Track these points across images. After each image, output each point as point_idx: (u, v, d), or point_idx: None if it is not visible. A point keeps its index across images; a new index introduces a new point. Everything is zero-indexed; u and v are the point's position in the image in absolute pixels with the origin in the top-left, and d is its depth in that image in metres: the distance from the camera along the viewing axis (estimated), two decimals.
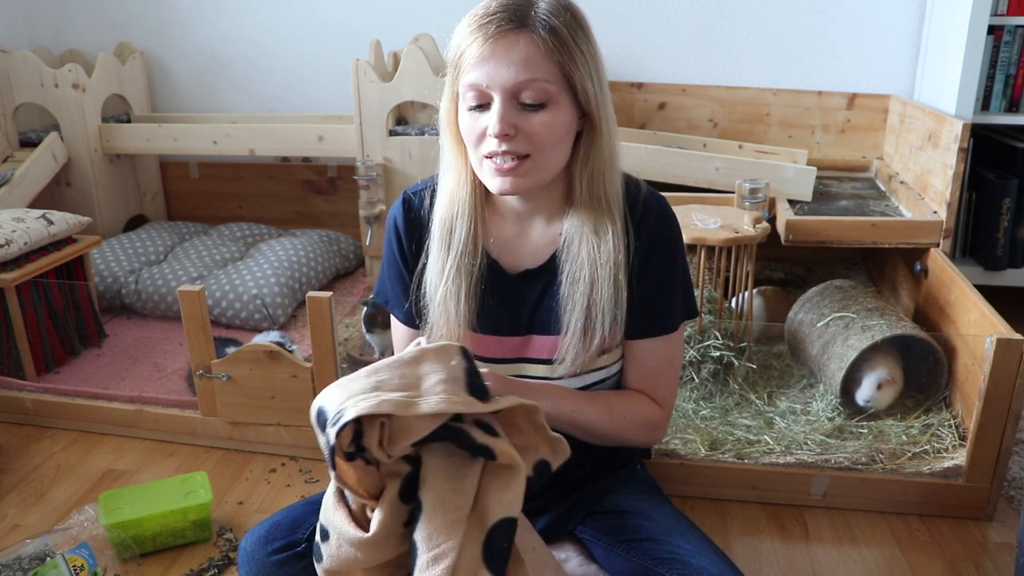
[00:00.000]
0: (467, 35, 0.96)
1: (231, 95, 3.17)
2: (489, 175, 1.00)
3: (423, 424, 0.81)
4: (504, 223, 1.10)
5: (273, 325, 2.43)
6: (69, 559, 1.40)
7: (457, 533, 0.81)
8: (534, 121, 0.96)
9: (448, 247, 1.06)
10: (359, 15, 2.97)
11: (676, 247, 1.09)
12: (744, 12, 2.74)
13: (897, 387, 1.84)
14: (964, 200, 2.42)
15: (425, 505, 0.82)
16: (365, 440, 0.81)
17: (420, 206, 1.11)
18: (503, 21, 0.93)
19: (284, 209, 3.23)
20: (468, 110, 0.98)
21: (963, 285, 1.86)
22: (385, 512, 0.83)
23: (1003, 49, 2.35)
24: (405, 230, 1.12)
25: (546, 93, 0.95)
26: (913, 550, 1.54)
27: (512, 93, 0.95)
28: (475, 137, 0.98)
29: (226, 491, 1.75)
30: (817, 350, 1.97)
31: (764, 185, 2.21)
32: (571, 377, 1.09)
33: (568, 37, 0.95)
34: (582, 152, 1.02)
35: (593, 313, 1.04)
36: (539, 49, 0.93)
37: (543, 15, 0.94)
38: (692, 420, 1.83)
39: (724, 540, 1.57)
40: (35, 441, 1.95)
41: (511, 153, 0.96)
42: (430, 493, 0.83)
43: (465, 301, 1.06)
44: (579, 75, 0.96)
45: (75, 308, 2.31)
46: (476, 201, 1.06)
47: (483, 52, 0.94)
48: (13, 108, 2.81)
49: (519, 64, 0.93)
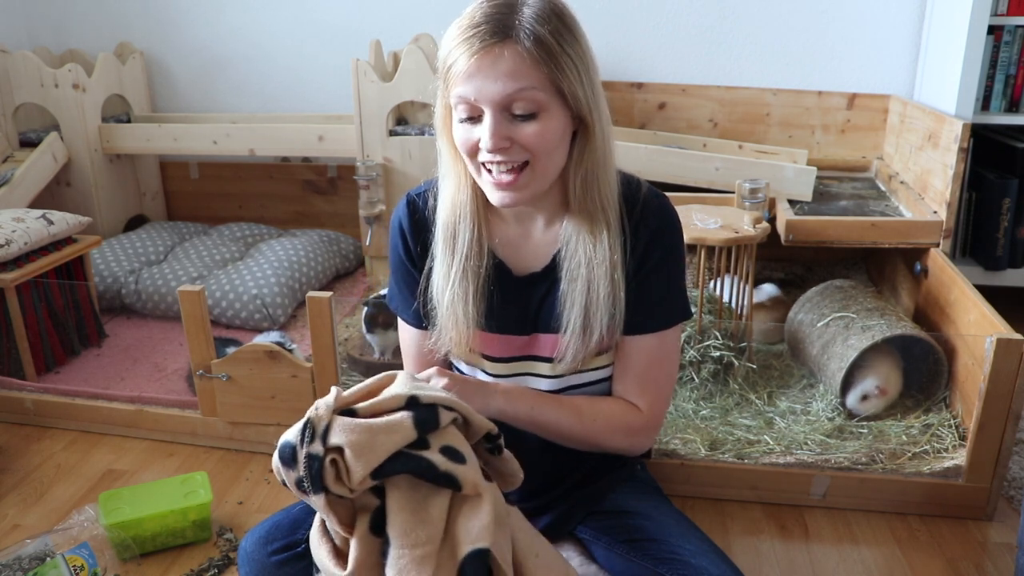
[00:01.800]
0: (453, 48, 0.95)
1: (231, 95, 3.16)
2: (489, 188, 1.00)
3: (375, 451, 0.80)
4: (506, 225, 1.10)
5: (273, 325, 2.43)
6: (69, 559, 1.40)
7: (426, 569, 0.79)
8: (527, 131, 0.95)
9: (453, 251, 1.06)
10: (359, 15, 2.97)
11: (675, 245, 1.09)
12: (744, 12, 2.74)
13: (888, 397, 1.84)
14: (964, 200, 2.42)
15: (391, 540, 0.81)
16: (324, 478, 0.80)
17: (424, 207, 1.11)
18: (487, 34, 0.92)
19: (284, 209, 3.23)
20: (460, 122, 0.98)
21: (963, 285, 1.86)
22: (359, 547, 0.82)
23: (1003, 49, 2.35)
24: (411, 231, 1.12)
25: (536, 103, 0.94)
26: (913, 550, 1.54)
27: (502, 106, 0.94)
28: (469, 148, 0.98)
29: (226, 491, 1.75)
30: (817, 350, 1.97)
31: (764, 185, 2.21)
32: (571, 375, 1.10)
33: (554, 44, 0.93)
34: (575, 154, 1.02)
35: (591, 312, 1.04)
36: (524, 60, 0.92)
37: (527, 24, 0.92)
38: (692, 420, 1.83)
39: (724, 540, 1.57)
40: (35, 441, 1.95)
41: (508, 163, 0.96)
42: (395, 528, 0.81)
43: (473, 303, 1.07)
44: (568, 82, 0.95)
45: (75, 308, 2.31)
46: (477, 204, 1.06)
47: (469, 67, 0.93)
48: (13, 108, 2.80)
49: (506, 77, 0.92)
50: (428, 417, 0.83)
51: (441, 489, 0.83)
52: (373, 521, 0.83)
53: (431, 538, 0.80)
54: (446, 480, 0.81)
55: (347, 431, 0.80)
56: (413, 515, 0.81)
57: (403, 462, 0.81)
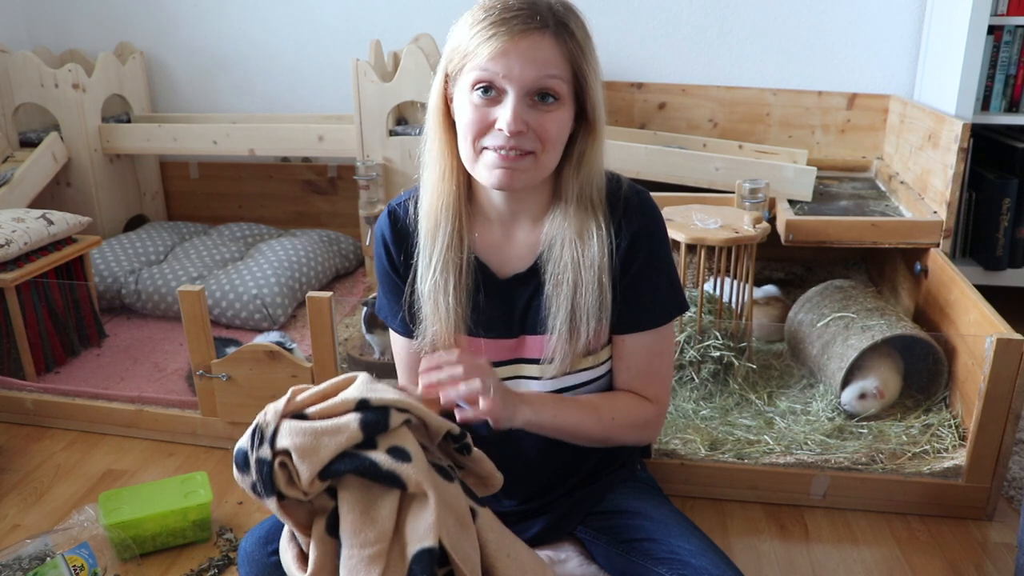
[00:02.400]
0: (484, 27, 0.95)
1: (231, 95, 3.17)
2: (487, 167, 0.99)
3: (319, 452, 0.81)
4: (490, 225, 1.10)
5: (273, 325, 2.43)
6: (69, 559, 1.40)
7: (376, 568, 0.79)
8: (546, 119, 0.97)
9: (435, 241, 1.07)
10: (359, 15, 2.97)
11: (660, 242, 1.09)
12: (744, 12, 2.74)
13: (886, 401, 1.83)
14: (964, 200, 2.42)
15: (343, 540, 0.82)
16: (276, 482, 0.81)
17: (405, 217, 1.12)
18: (528, 18, 0.94)
19: (284, 209, 3.23)
20: (474, 100, 0.98)
21: (963, 285, 1.86)
22: (317, 549, 0.83)
23: (1003, 49, 2.35)
24: (393, 241, 1.12)
25: (559, 92, 0.97)
26: (913, 550, 1.54)
27: (529, 90, 0.95)
28: (480, 128, 0.98)
29: (226, 491, 1.75)
30: (817, 350, 1.97)
31: (764, 185, 2.21)
32: (560, 377, 1.09)
33: (581, 41, 0.97)
34: (575, 154, 1.03)
35: (577, 315, 1.04)
36: (560, 50, 0.95)
37: (562, 18, 0.96)
38: (692, 420, 1.83)
39: (724, 540, 1.57)
40: (35, 441, 1.95)
41: (518, 148, 0.97)
42: (345, 528, 0.82)
43: (455, 296, 1.06)
44: (591, 80, 0.98)
45: (75, 308, 2.31)
46: (460, 194, 1.06)
47: (505, 45, 0.94)
48: (13, 108, 2.81)
49: (541, 62, 0.94)
50: (377, 419, 0.84)
51: (391, 489, 0.83)
52: (329, 522, 0.84)
53: (380, 537, 0.81)
54: (390, 479, 0.82)
55: (293, 434, 0.82)
56: (363, 515, 0.82)
57: (347, 462, 0.82)
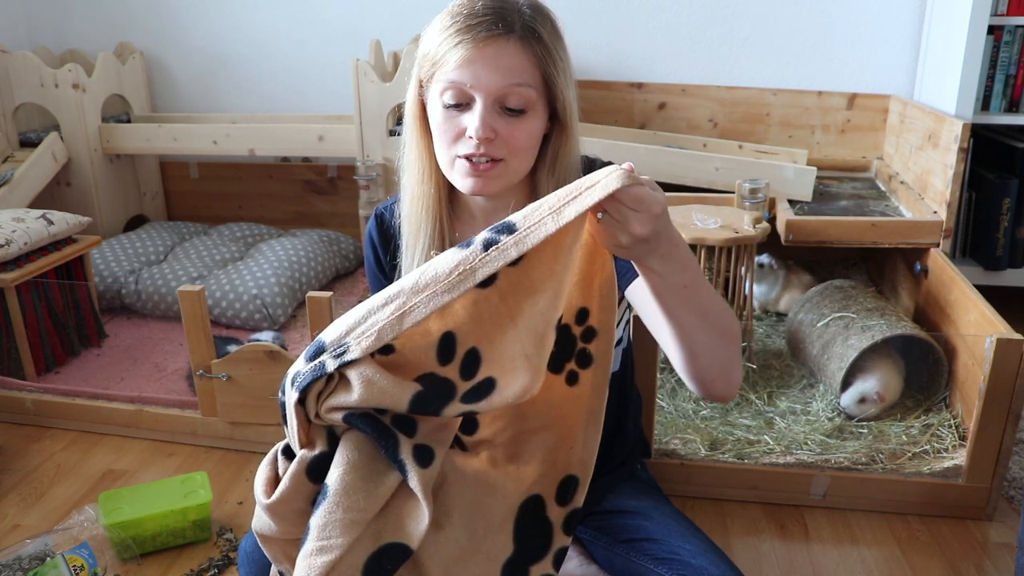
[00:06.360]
0: (451, 33, 0.95)
1: (231, 95, 3.16)
2: (460, 175, 0.99)
3: (373, 400, 0.76)
4: (474, 223, 1.10)
5: (273, 325, 2.43)
6: (69, 559, 1.40)
7: (352, 533, 0.77)
8: (515, 127, 0.96)
9: (416, 243, 1.07)
10: (359, 15, 2.97)
11: None
12: (744, 12, 2.74)
13: (886, 404, 1.83)
14: (964, 200, 2.42)
15: (329, 493, 0.78)
16: (311, 386, 0.77)
17: (391, 219, 1.13)
18: (492, 25, 0.93)
19: (284, 209, 3.23)
20: (445, 107, 0.97)
21: (963, 285, 1.86)
22: (289, 482, 0.80)
23: (1003, 49, 2.35)
24: (380, 243, 1.14)
25: (528, 100, 0.96)
26: (913, 550, 1.54)
27: (496, 98, 0.95)
28: (451, 136, 0.98)
29: (226, 491, 1.75)
30: (817, 350, 1.97)
31: (764, 185, 2.22)
32: None
33: (551, 44, 0.95)
34: (549, 155, 1.03)
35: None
36: (526, 57, 0.94)
37: (529, 22, 0.94)
38: (692, 420, 1.83)
39: (724, 540, 1.57)
40: (35, 441, 1.95)
41: (487, 155, 0.97)
42: (339, 484, 0.78)
43: None
44: (560, 83, 0.97)
45: (75, 308, 2.31)
46: (440, 196, 1.06)
47: (470, 54, 0.93)
48: (13, 108, 2.80)
49: (507, 70, 0.93)
50: (431, 403, 0.78)
51: (395, 472, 0.80)
52: (312, 464, 0.80)
53: (368, 508, 0.78)
54: (400, 468, 0.79)
55: (363, 380, 0.76)
56: (363, 481, 0.79)
57: (377, 428, 0.78)
